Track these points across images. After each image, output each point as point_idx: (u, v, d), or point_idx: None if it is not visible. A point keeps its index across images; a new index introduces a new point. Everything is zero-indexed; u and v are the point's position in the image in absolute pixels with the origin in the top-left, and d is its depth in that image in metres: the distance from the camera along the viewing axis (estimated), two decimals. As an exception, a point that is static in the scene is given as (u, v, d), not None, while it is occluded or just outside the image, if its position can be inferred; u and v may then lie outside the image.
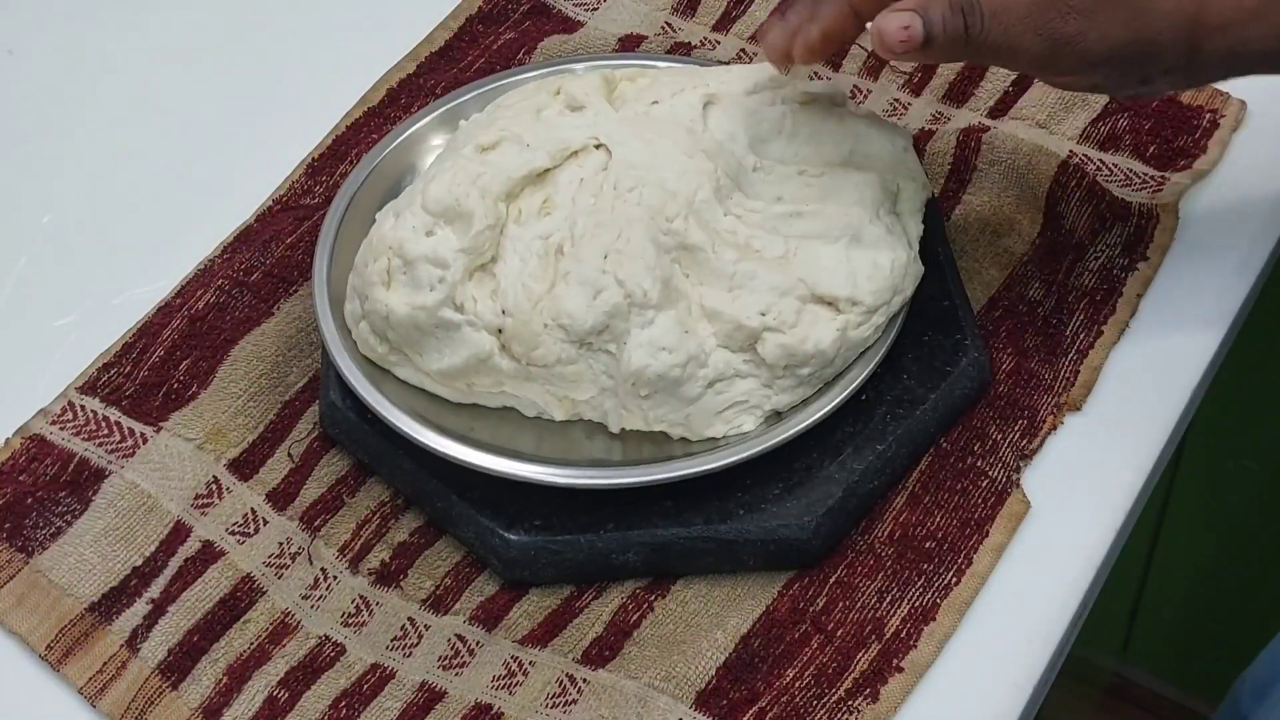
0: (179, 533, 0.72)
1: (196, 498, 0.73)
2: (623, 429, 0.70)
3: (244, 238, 0.82)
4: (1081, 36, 0.64)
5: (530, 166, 0.71)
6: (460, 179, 0.70)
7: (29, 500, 0.73)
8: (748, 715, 0.64)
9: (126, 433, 0.75)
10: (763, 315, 0.68)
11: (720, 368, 0.68)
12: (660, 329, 0.68)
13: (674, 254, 0.69)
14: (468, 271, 0.70)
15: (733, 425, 0.69)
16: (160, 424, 0.75)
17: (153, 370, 0.77)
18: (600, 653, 0.67)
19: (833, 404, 0.69)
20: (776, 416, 0.70)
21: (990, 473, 0.71)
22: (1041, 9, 0.64)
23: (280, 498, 0.73)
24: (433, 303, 0.69)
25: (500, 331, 0.69)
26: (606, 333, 0.68)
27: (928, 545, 0.69)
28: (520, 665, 0.67)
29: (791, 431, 0.69)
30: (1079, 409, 0.73)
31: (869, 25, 0.67)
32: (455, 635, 0.68)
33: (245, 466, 0.74)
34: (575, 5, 0.93)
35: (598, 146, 0.72)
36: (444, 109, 0.81)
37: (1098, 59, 0.65)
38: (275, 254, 0.81)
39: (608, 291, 0.68)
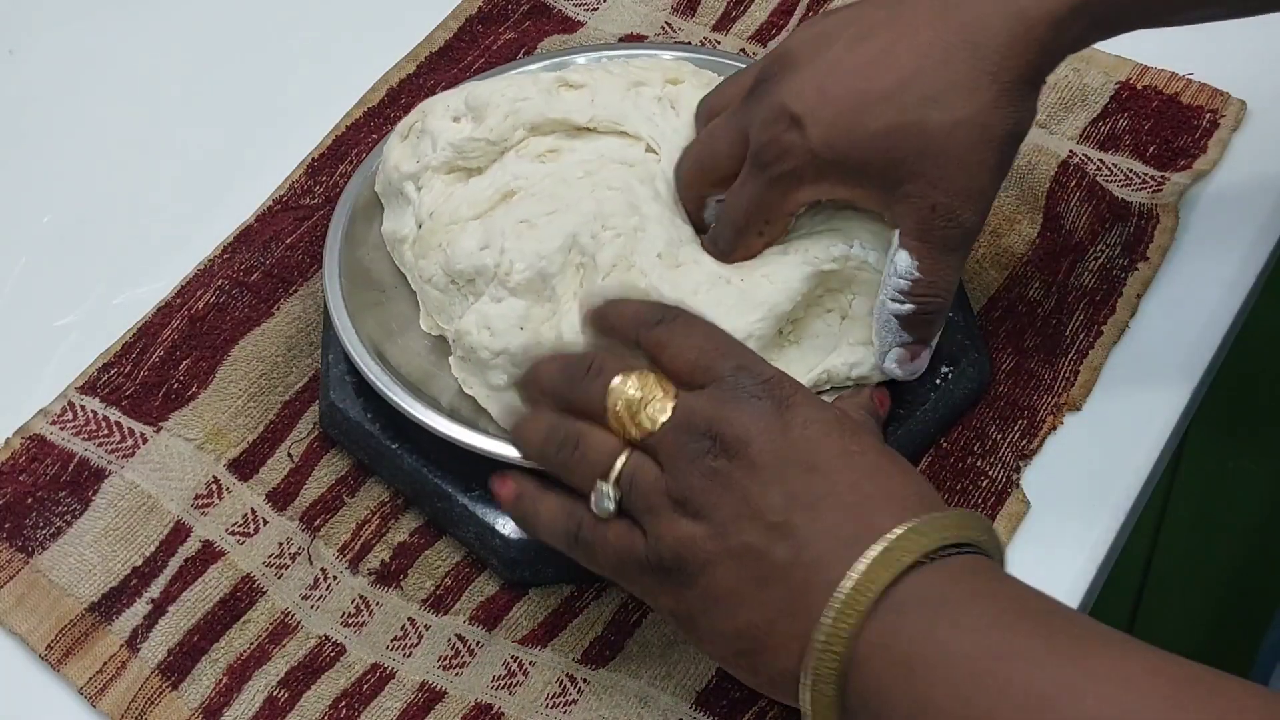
0: (179, 533, 0.72)
1: (196, 498, 0.73)
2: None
3: (244, 238, 0.82)
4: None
5: (564, 115, 0.73)
6: (508, 92, 0.73)
7: (29, 500, 0.73)
8: (748, 715, 0.64)
9: (126, 433, 0.75)
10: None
11: None
12: (501, 311, 0.68)
13: (584, 260, 0.69)
14: (448, 166, 0.73)
15: None
16: (160, 424, 0.75)
17: (153, 370, 0.77)
18: (600, 652, 0.67)
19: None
20: None
21: (990, 473, 0.71)
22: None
23: (280, 498, 0.73)
24: (406, 172, 0.74)
25: (419, 227, 0.72)
26: (471, 284, 0.70)
27: (928, 545, 0.69)
28: (520, 665, 0.67)
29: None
30: (1079, 409, 0.73)
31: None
32: (455, 635, 0.68)
33: (245, 466, 0.74)
34: (575, 5, 0.93)
35: (649, 150, 0.72)
36: None
37: None
38: (275, 254, 0.81)
39: (489, 251, 0.69)
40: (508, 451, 0.68)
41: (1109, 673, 0.49)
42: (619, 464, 0.58)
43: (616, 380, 0.59)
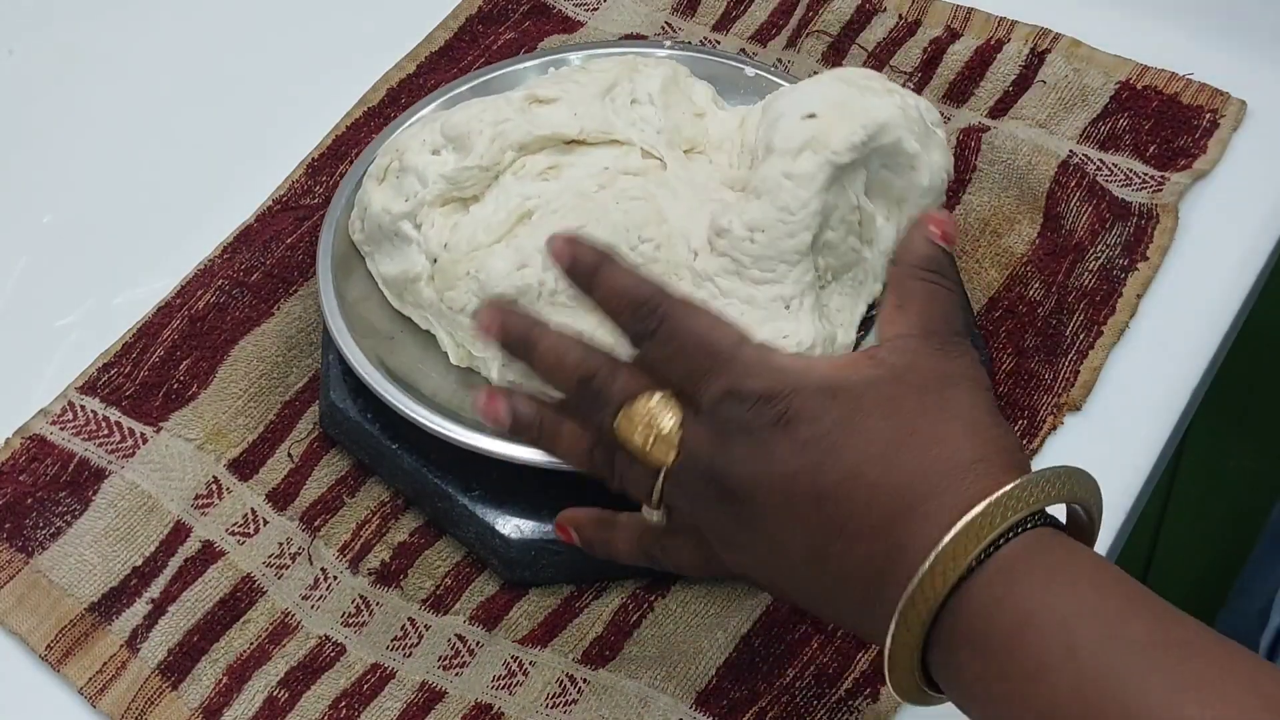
0: (179, 533, 0.72)
1: (196, 498, 0.73)
2: None
3: (244, 238, 0.82)
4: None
5: (555, 130, 0.72)
6: (486, 117, 0.73)
7: (29, 500, 0.73)
8: (748, 715, 0.64)
9: (126, 433, 0.75)
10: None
11: None
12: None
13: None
14: (442, 199, 0.72)
15: None
16: (160, 424, 0.75)
17: (153, 370, 0.77)
18: (600, 653, 0.67)
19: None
20: None
21: (990, 473, 0.71)
22: None
23: (280, 498, 0.73)
24: (398, 212, 0.73)
25: (434, 262, 0.72)
26: (513, 306, 0.68)
27: (928, 545, 0.69)
28: (520, 665, 0.67)
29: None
30: (1079, 409, 0.73)
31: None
32: (455, 635, 0.68)
33: (245, 466, 0.74)
34: (575, 5, 0.93)
35: (646, 155, 0.73)
36: (444, 99, 0.81)
37: None
38: (275, 254, 0.81)
39: (530, 269, 0.68)
40: (507, 450, 0.68)
41: (1211, 694, 0.46)
42: (656, 491, 0.56)
43: (620, 417, 0.55)
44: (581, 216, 0.69)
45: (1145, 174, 0.81)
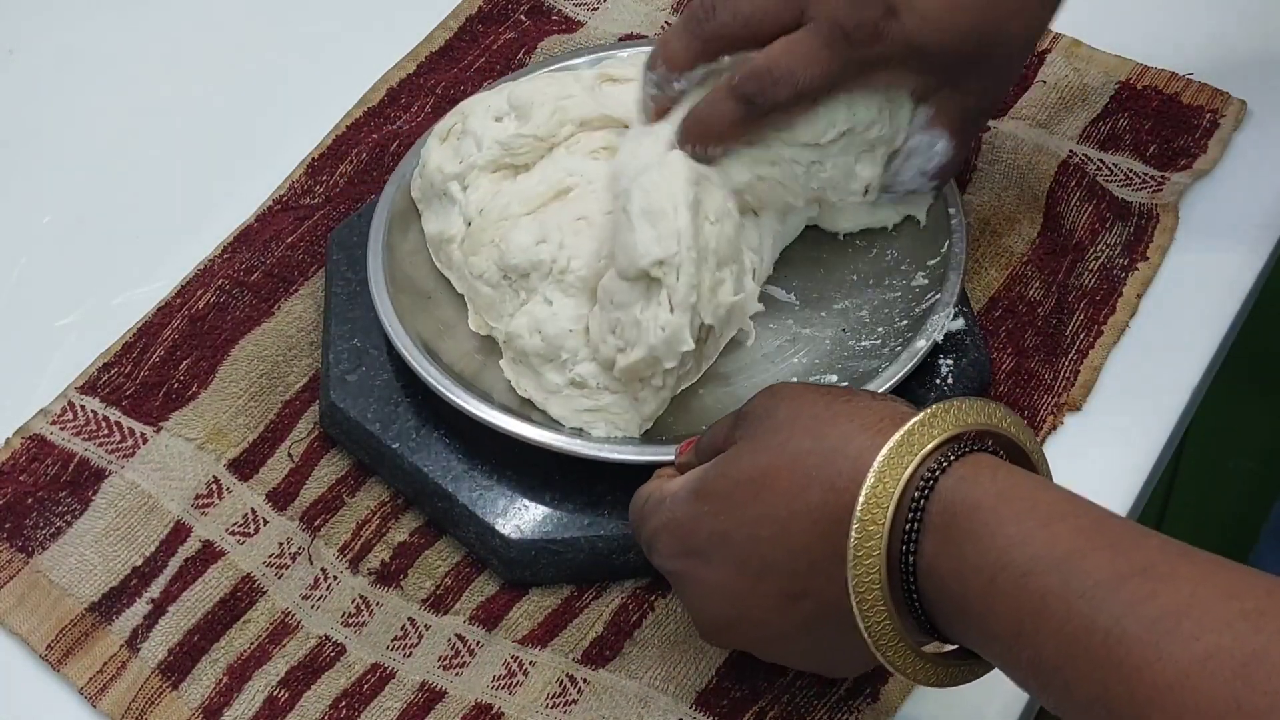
0: (179, 533, 0.72)
1: (197, 498, 0.73)
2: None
3: (244, 238, 0.82)
4: None
5: (610, 111, 0.73)
6: (551, 90, 0.73)
7: (29, 500, 0.73)
8: (748, 715, 0.64)
9: (127, 433, 0.75)
10: (612, 335, 0.67)
11: (585, 376, 0.68)
12: (551, 313, 0.68)
13: None
14: (494, 164, 0.73)
15: (586, 424, 0.69)
16: (160, 424, 0.75)
17: (153, 370, 0.77)
18: (600, 653, 0.67)
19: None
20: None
21: (990, 473, 0.71)
22: None
23: (280, 498, 0.73)
24: (450, 172, 0.73)
25: (468, 225, 0.72)
26: (525, 280, 0.70)
27: (928, 545, 0.69)
28: (520, 665, 0.67)
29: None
30: (1079, 409, 0.73)
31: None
32: (455, 635, 0.68)
33: (245, 466, 0.74)
34: (575, 5, 0.93)
35: None
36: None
37: None
38: (275, 254, 0.81)
39: (546, 246, 0.69)
40: (510, 425, 0.68)
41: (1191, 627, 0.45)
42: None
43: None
44: (610, 201, 0.69)
45: (1145, 174, 0.81)
